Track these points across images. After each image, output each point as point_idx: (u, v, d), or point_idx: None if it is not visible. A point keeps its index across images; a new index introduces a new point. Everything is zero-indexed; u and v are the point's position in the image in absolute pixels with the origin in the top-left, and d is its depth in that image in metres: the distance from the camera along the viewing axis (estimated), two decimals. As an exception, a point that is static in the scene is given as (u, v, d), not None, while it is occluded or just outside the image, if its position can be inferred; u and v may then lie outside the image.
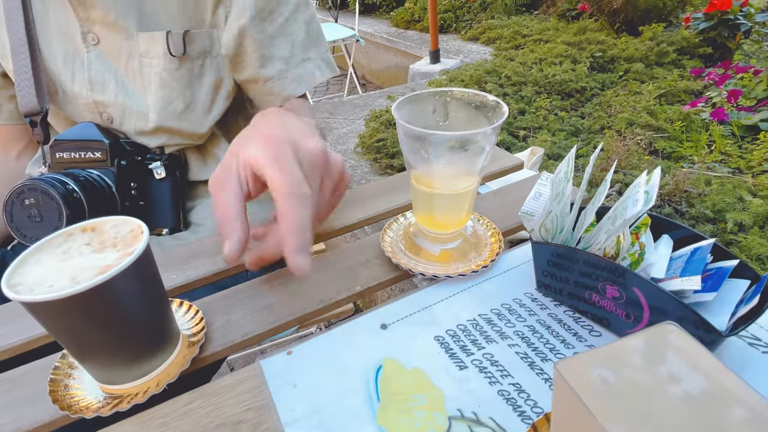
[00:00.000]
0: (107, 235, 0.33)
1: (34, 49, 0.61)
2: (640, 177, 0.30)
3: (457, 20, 3.35)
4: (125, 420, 0.31)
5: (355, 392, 0.31)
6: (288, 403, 0.31)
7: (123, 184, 0.62)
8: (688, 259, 0.31)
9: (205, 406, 0.32)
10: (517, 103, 1.80)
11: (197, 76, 0.62)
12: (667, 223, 0.35)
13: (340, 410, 0.30)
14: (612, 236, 0.30)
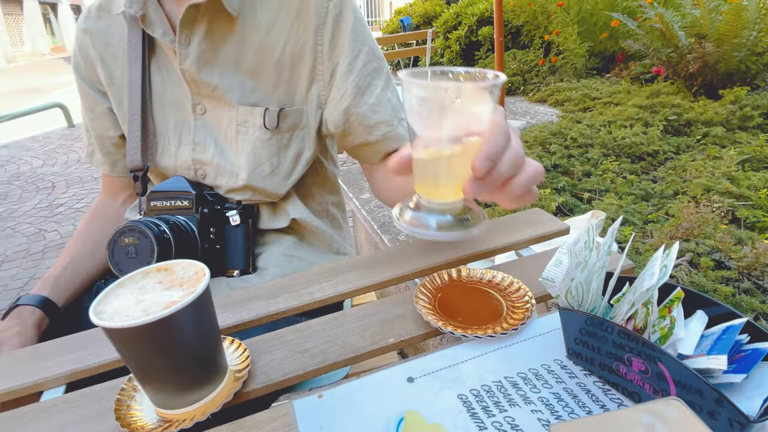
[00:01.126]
0: (176, 275, 0.38)
1: (146, 116, 0.73)
2: (659, 251, 0.30)
3: (525, 83, 3.41)
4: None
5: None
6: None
7: (204, 229, 0.70)
8: (719, 337, 0.30)
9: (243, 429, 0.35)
10: (582, 165, 1.77)
11: (284, 146, 0.71)
12: (703, 299, 0.34)
13: (360, 456, 0.32)
14: (633, 308, 0.30)
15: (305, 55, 0.68)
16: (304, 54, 0.68)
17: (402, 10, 5.00)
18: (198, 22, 0.66)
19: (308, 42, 0.67)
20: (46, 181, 3.91)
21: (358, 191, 1.85)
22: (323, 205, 0.85)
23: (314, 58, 0.68)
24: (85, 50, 0.75)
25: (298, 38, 0.68)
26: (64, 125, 5.95)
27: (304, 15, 0.68)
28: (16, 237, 2.92)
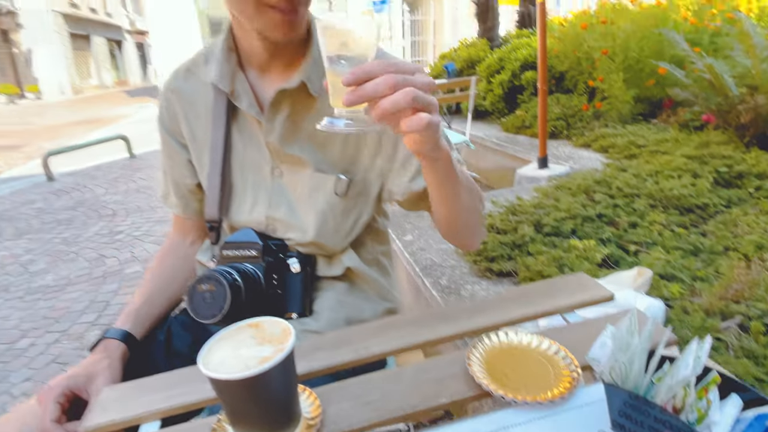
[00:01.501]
0: (266, 332, 0.45)
1: (226, 176, 0.81)
2: (694, 343, 0.34)
3: (569, 128, 3.43)
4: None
5: (436, 494, 0.37)
6: (380, 493, 0.38)
7: (268, 276, 0.77)
8: (750, 423, 0.33)
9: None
10: (628, 215, 1.77)
11: (348, 210, 0.79)
12: (737, 384, 0.37)
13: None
14: (671, 392, 0.34)
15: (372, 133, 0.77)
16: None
17: (446, 55, 5.18)
18: (284, 103, 0.75)
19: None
20: (108, 209, 4.21)
21: (400, 233, 1.91)
22: (373, 254, 0.92)
23: (379, 136, 0.76)
24: (170, 106, 0.85)
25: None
26: (125, 156, 6.40)
27: None
28: (78, 261, 3.14)
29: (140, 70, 33.01)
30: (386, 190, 0.81)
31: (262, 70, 0.78)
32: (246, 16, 0.67)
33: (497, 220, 1.76)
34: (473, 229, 0.76)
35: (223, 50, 0.76)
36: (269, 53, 0.74)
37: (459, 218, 0.71)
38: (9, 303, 2.64)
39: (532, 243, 1.58)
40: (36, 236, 3.65)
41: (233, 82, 0.76)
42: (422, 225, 1.97)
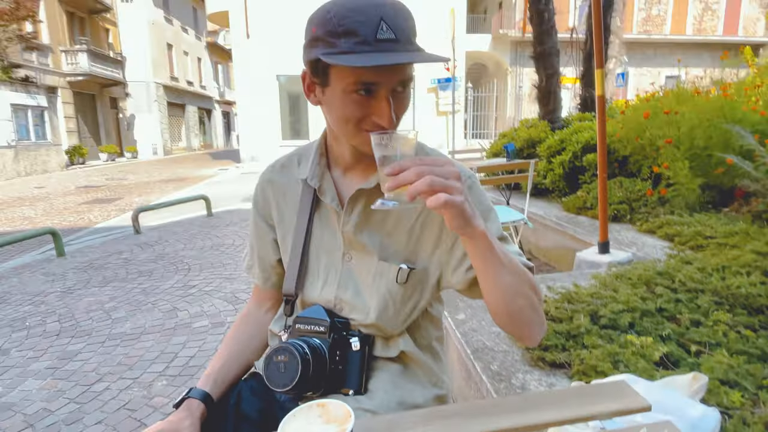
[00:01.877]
0: (331, 413, 0.54)
1: (305, 257, 0.95)
2: None
3: (632, 212, 3.38)
4: None
5: None
6: None
7: (332, 351, 0.87)
8: None
9: None
10: (691, 312, 1.71)
11: (408, 296, 0.89)
12: None
13: None
14: None
15: (434, 226, 0.88)
16: (433, 224, 0.88)
17: (507, 134, 5.35)
18: (360, 199, 0.88)
19: (437, 216, 0.86)
20: (184, 263, 4.57)
21: (453, 311, 1.96)
22: (428, 339, 0.99)
23: (440, 229, 0.87)
24: (265, 193, 1.00)
25: (429, 212, 0.87)
26: (204, 213, 6.97)
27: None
28: (154, 312, 3.41)
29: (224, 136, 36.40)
30: (444, 279, 0.89)
31: (345, 171, 0.92)
32: (345, 135, 0.82)
33: (552, 307, 1.77)
34: (525, 318, 0.78)
35: (316, 154, 0.92)
36: (354, 159, 0.89)
37: (505, 300, 0.75)
38: (91, 347, 2.91)
39: (588, 335, 1.57)
40: (120, 285, 4.02)
41: (321, 180, 0.92)
42: (475, 305, 2.01)
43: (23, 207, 8.96)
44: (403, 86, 0.78)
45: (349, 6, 0.72)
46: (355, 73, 0.73)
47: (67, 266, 4.63)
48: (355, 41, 0.71)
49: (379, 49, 0.71)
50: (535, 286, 0.79)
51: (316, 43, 0.75)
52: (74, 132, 19.16)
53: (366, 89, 0.75)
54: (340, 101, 0.77)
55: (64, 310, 3.51)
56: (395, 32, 0.72)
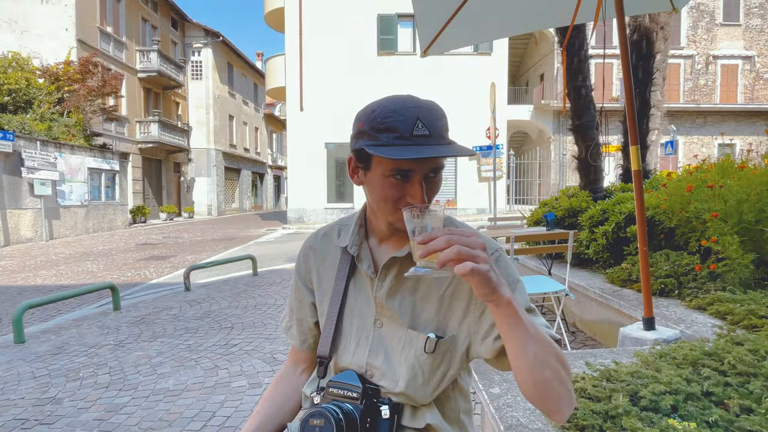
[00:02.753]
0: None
1: (340, 320, 1.02)
2: None
3: (680, 286, 3.25)
4: None
5: None
6: None
7: (363, 417, 0.92)
8: None
9: None
10: (741, 398, 1.61)
11: (436, 366, 0.94)
12: None
13: None
14: None
15: (463, 295, 0.94)
16: (462, 294, 0.94)
17: (548, 203, 5.36)
18: (393, 267, 0.97)
19: (467, 287, 0.92)
20: (228, 322, 4.72)
21: (488, 384, 1.94)
22: (456, 412, 1.01)
23: (469, 298, 0.93)
24: (307, 260, 1.10)
25: (459, 283, 0.94)
26: (250, 272, 7.22)
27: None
28: (197, 369, 3.52)
29: (274, 198, 38.15)
30: (473, 349, 0.93)
31: (381, 241, 1.02)
32: (382, 213, 0.93)
33: (589, 384, 1.72)
34: (552, 391, 0.78)
35: (356, 225, 1.03)
36: (390, 232, 0.98)
37: (531, 371, 0.77)
38: (136, 401, 3.02)
39: (627, 416, 1.51)
40: (167, 340, 4.20)
41: (360, 248, 1.01)
42: (510, 378, 1.98)
43: (87, 262, 9.63)
44: (434, 173, 0.89)
45: (392, 107, 0.86)
46: (394, 161, 0.85)
47: (121, 320, 4.89)
48: (395, 136, 0.84)
49: (414, 143, 0.84)
50: (563, 359, 0.81)
51: (362, 136, 0.89)
52: (140, 193, 20.77)
53: (402, 174, 0.86)
54: (380, 184, 0.89)
55: (115, 363, 3.68)
56: (429, 129, 0.85)
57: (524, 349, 0.76)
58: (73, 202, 15.43)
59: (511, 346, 0.78)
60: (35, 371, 3.58)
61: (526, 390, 0.81)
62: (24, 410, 2.92)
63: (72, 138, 15.66)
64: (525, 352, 0.77)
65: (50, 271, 8.56)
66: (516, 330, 0.76)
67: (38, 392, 3.19)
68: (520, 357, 0.78)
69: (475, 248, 0.69)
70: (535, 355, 0.77)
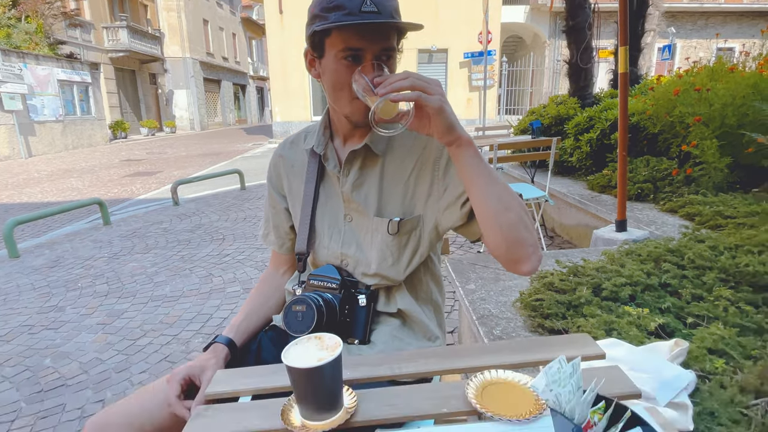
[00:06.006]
0: (325, 342, 0.67)
1: (313, 220, 1.08)
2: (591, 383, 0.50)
3: (656, 191, 3.36)
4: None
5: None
6: (385, 457, 0.58)
7: (342, 305, 1.00)
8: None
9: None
10: (695, 288, 1.76)
11: (403, 245, 1.01)
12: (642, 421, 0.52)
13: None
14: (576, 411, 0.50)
15: (426, 178, 0.99)
16: (425, 176, 0.99)
17: (535, 111, 5.29)
18: (355, 160, 1.01)
19: (428, 168, 0.98)
20: (219, 234, 4.83)
21: (464, 281, 2.07)
22: (428, 294, 1.11)
23: (432, 179, 0.98)
24: (277, 168, 1.15)
25: (422, 166, 0.99)
26: (238, 187, 7.24)
27: (428, 151, 0.99)
28: (192, 277, 3.67)
29: (258, 112, 36.91)
30: (443, 222, 0.99)
31: (345, 140, 1.05)
32: (339, 104, 0.95)
33: (557, 279, 1.85)
34: (517, 237, 0.83)
35: (321, 127, 1.06)
36: (352, 127, 1.01)
37: (496, 213, 0.82)
38: (135, 306, 3.19)
39: (588, 305, 1.66)
40: (161, 252, 4.32)
41: (325, 149, 1.04)
42: (486, 276, 2.12)
43: (71, 179, 9.52)
44: (387, 56, 0.89)
45: None
46: (343, 40, 0.87)
47: (113, 234, 4.98)
48: (343, 13, 0.85)
49: (362, 18, 0.84)
50: (526, 209, 0.86)
51: (313, 20, 0.89)
52: (116, 107, 19.93)
53: (353, 56, 0.88)
54: (333, 68, 0.91)
55: (111, 274, 3.82)
56: (378, 6, 0.85)
57: (488, 191, 0.82)
58: (47, 117, 14.85)
59: (476, 192, 0.83)
60: (34, 283, 3.71)
61: (494, 241, 0.85)
62: (29, 318, 3.08)
63: (35, 47, 14.64)
64: (489, 195, 0.82)
65: (34, 189, 8.49)
66: (479, 171, 0.81)
67: (40, 301, 3.33)
68: (485, 201, 0.83)
69: (430, 83, 0.75)
70: (499, 197, 0.82)
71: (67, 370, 2.44)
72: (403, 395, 0.70)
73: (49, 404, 2.17)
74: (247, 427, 0.65)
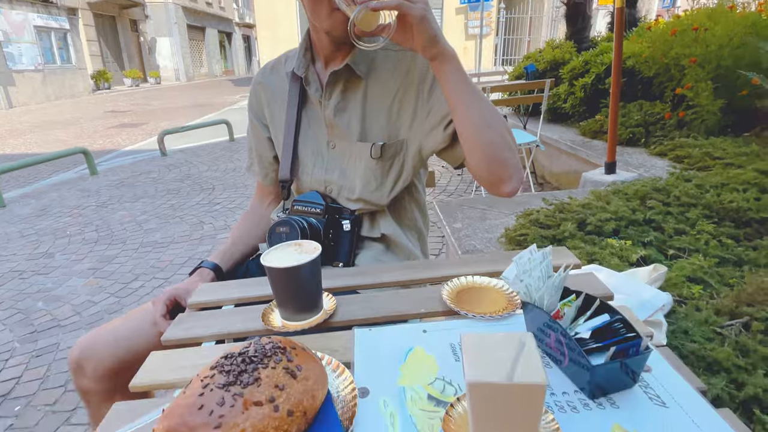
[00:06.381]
0: (304, 248, 0.67)
1: (296, 147, 1.06)
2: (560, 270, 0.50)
3: (648, 135, 3.34)
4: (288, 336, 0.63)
5: (398, 358, 0.58)
6: (360, 352, 0.59)
7: (326, 229, 1.00)
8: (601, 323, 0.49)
9: (325, 338, 0.62)
10: (678, 223, 1.78)
11: (387, 169, 1.00)
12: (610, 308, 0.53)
13: (383, 364, 0.57)
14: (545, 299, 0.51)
15: (409, 103, 0.96)
16: (409, 100, 0.96)
17: (531, 56, 5.14)
18: (337, 83, 0.98)
19: (413, 91, 0.95)
20: (209, 183, 4.78)
21: (451, 221, 2.09)
22: (412, 221, 1.11)
23: (415, 104, 0.96)
24: (258, 95, 1.12)
25: (406, 89, 0.96)
26: (227, 138, 7.11)
27: (412, 74, 0.96)
28: (182, 225, 3.66)
29: (245, 62, 35.68)
30: (426, 145, 0.97)
31: (326, 63, 1.01)
32: (319, 20, 0.90)
33: (542, 215, 1.87)
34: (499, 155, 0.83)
35: (302, 49, 1.01)
36: (333, 47, 0.97)
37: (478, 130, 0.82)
38: (125, 252, 3.19)
39: (571, 239, 1.68)
40: (150, 201, 4.28)
41: (307, 71, 1.01)
42: (473, 215, 2.13)
43: (55, 130, 9.28)
44: None
45: None
46: None
47: (100, 184, 4.92)
48: None
49: None
50: (509, 128, 0.85)
51: None
52: (98, 56, 19.14)
53: None
54: None
55: (100, 222, 3.80)
56: None
57: (472, 108, 0.80)
58: (26, 66, 14.28)
59: (459, 108, 0.81)
60: (22, 231, 3.68)
61: (476, 161, 0.85)
62: (18, 264, 3.08)
63: (8, -10, 13.84)
64: (472, 112, 0.80)
65: (18, 140, 8.29)
66: (463, 87, 0.79)
67: (29, 249, 3.33)
68: (468, 118, 0.81)
69: None
70: (482, 114, 0.81)
71: (59, 312, 2.47)
72: (381, 299, 0.71)
73: (42, 344, 2.21)
74: (229, 329, 0.67)
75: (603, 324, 0.50)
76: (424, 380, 0.53)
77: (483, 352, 0.41)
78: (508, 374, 0.38)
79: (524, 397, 0.38)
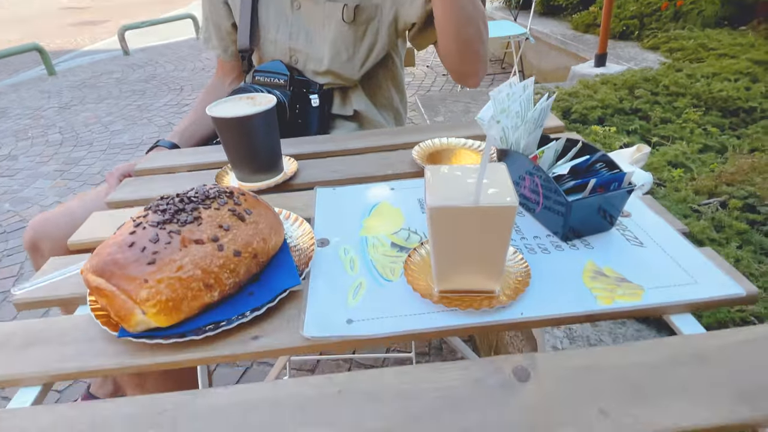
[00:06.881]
0: (257, 101, 0.60)
1: (255, 8, 0.93)
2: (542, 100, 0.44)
3: (642, 27, 3.16)
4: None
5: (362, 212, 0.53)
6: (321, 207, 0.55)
7: (292, 104, 0.91)
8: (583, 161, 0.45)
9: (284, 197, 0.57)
10: (665, 112, 1.73)
11: (359, 38, 0.89)
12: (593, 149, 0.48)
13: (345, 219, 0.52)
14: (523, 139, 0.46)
15: None
16: None
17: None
18: None
19: None
20: (176, 84, 4.49)
21: (433, 114, 1.99)
22: (389, 100, 1.03)
23: None
24: None
25: None
26: (193, 36, 6.58)
27: None
28: (150, 126, 3.48)
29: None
30: (402, 17, 0.87)
31: None
32: None
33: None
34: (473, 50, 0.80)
35: None
36: None
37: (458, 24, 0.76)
38: (93, 154, 3.05)
39: (556, 128, 1.62)
40: (114, 102, 4.03)
41: None
42: (455, 109, 2.04)
43: (2, 32, 8.45)
44: None
45: None
46: None
47: (60, 84, 4.58)
48: None
49: None
50: (485, 17, 0.81)
51: None
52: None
53: None
54: None
55: (64, 124, 3.58)
56: None
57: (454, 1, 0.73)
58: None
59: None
60: (-21, 133, 3.47)
61: (448, 51, 0.81)
62: (-21, 166, 2.93)
63: None
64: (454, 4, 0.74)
65: (-37, 39, 7.55)
66: None
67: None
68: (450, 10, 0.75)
69: None
70: (463, 7, 0.74)
71: (28, 213, 2.40)
72: (347, 162, 0.65)
73: (13, 243, 2.16)
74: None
75: (584, 162, 0.45)
76: (388, 230, 0.49)
77: (448, 179, 0.36)
78: (474, 199, 0.33)
79: (491, 222, 0.34)
